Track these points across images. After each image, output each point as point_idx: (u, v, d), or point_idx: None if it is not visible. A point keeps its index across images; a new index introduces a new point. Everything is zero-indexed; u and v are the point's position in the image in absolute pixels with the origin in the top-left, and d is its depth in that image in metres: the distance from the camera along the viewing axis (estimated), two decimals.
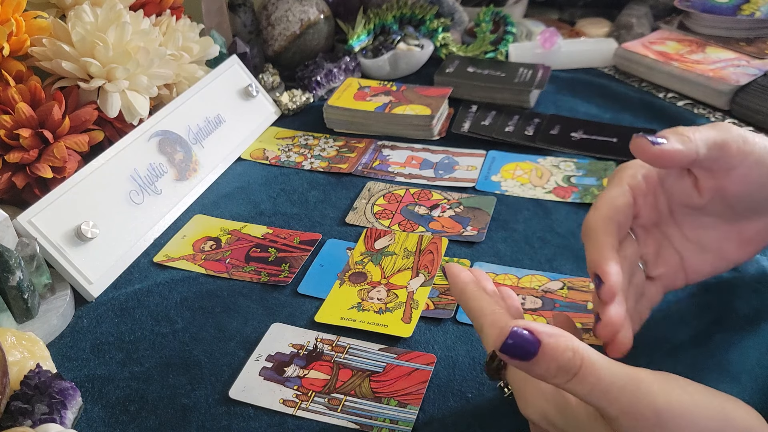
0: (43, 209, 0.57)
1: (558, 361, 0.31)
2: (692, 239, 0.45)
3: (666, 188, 0.44)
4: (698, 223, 0.45)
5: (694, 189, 0.43)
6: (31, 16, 0.66)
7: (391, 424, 0.45)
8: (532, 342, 0.31)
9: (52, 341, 0.54)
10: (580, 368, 0.30)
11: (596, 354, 0.31)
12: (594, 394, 0.31)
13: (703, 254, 0.45)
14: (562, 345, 0.31)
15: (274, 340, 0.52)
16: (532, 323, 0.31)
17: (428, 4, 0.95)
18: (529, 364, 0.31)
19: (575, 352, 0.31)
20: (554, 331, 0.31)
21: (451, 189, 0.69)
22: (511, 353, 0.31)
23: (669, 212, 0.45)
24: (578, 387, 0.31)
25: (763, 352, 0.48)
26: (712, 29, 0.90)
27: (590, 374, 0.30)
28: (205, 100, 0.75)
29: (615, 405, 0.30)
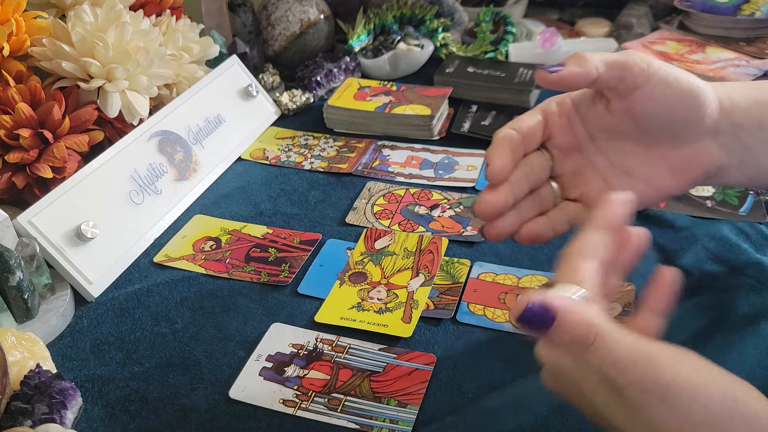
0: (43, 209, 0.57)
1: (572, 335, 0.32)
2: (617, 165, 0.46)
3: (581, 113, 0.46)
4: (621, 149, 0.46)
5: (606, 111, 0.44)
6: (31, 16, 0.66)
7: (391, 424, 0.45)
8: (547, 316, 0.32)
9: (52, 341, 0.54)
10: (594, 341, 0.32)
11: (613, 328, 0.32)
12: (605, 364, 0.32)
13: (629, 179, 0.46)
14: (577, 320, 0.32)
15: (274, 340, 0.52)
16: (552, 297, 0.32)
17: (428, 4, 0.95)
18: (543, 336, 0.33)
19: (590, 326, 0.32)
20: (572, 306, 0.32)
21: (451, 189, 0.69)
22: (527, 324, 0.33)
23: (589, 138, 0.46)
24: (591, 357, 0.32)
25: (763, 352, 0.48)
26: (712, 29, 0.90)
27: (603, 347, 0.32)
28: (205, 100, 0.75)
29: (624, 376, 0.31)
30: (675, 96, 0.43)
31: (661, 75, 0.43)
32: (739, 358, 0.47)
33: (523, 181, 0.45)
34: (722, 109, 0.44)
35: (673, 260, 0.57)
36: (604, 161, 0.46)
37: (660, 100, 0.43)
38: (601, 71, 0.42)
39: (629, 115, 0.44)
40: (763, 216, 0.61)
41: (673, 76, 0.43)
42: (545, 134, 0.46)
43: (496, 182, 0.44)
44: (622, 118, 0.44)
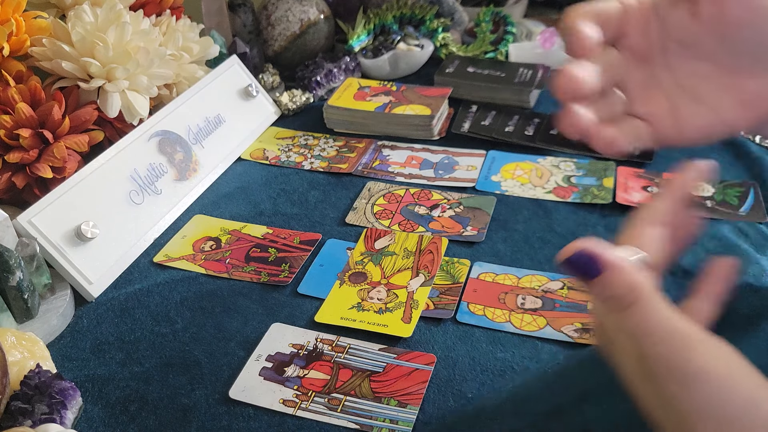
0: (43, 209, 0.57)
1: (612, 292, 0.31)
2: (686, 87, 0.40)
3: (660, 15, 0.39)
4: (694, 69, 0.40)
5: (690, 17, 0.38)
6: (31, 16, 0.66)
7: (391, 424, 0.45)
8: (594, 268, 0.31)
9: (52, 341, 0.54)
10: (632, 305, 0.31)
11: (656, 297, 0.31)
12: (637, 331, 0.31)
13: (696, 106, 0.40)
14: (621, 280, 0.31)
15: (274, 340, 0.52)
16: (602, 251, 0.31)
17: (428, 4, 0.95)
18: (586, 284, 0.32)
19: (633, 290, 0.31)
20: (622, 265, 0.31)
21: (451, 189, 0.69)
22: (572, 268, 0.32)
23: (662, 48, 0.40)
24: (624, 320, 0.32)
25: (763, 352, 0.48)
26: None
27: (639, 313, 0.31)
28: (205, 100, 0.75)
29: (652, 348, 0.31)
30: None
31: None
32: None
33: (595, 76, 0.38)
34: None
35: None
36: (671, 79, 0.40)
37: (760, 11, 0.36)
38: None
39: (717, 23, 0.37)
40: (763, 216, 0.61)
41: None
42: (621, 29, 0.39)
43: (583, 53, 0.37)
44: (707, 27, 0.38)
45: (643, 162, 0.71)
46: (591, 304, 0.37)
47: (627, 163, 0.71)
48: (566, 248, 0.32)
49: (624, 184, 0.67)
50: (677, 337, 0.31)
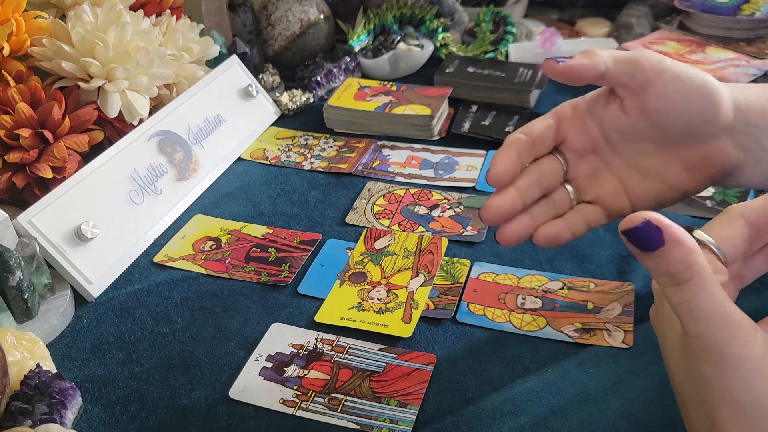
0: (43, 209, 0.57)
1: (668, 267, 0.31)
2: (633, 166, 0.45)
3: (596, 115, 0.45)
4: (637, 149, 0.45)
5: (620, 111, 0.44)
6: (31, 16, 0.66)
7: (391, 424, 0.45)
8: (655, 240, 0.31)
9: (52, 341, 0.54)
10: (685, 283, 0.31)
11: (712, 279, 0.31)
12: (683, 307, 0.31)
13: (645, 180, 0.45)
14: (679, 256, 0.31)
15: (274, 340, 0.52)
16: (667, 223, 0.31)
17: (428, 4, 0.95)
18: (643, 255, 0.32)
19: (689, 268, 0.31)
20: (683, 239, 0.31)
21: (451, 189, 0.69)
22: (632, 239, 0.32)
23: (605, 140, 0.46)
24: (674, 294, 0.32)
25: None
26: (712, 29, 0.90)
27: (689, 291, 0.31)
28: (205, 100, 0.75)
29: (694, 326, 0.31)
30: (689, 92, 0.42)
31: (674, 71, 0.42)
32: None
33: (534, 186, 0.44)
34: (737, 108, 0.44)
35: None
36: (619, 162, 0.46)
37: (674, 97, 0.42)
38: (609, 66, 0.42)
39: (643, 114, 0.43)
40: None
41: (686, 73, 0.42)
42: (558, 137, 0.45)
43: (498, 185, 0.43)
44: (636, 117, 0.44)
45: None
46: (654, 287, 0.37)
47: None
48: (630, 217, 0.32)
49: None
50: (722, 320, 0.31)
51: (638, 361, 0.48)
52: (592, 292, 0.55)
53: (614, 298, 0.54)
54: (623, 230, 0.32)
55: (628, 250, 0.59)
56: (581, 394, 0.46)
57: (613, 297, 0.54)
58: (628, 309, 0.53)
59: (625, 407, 0.45)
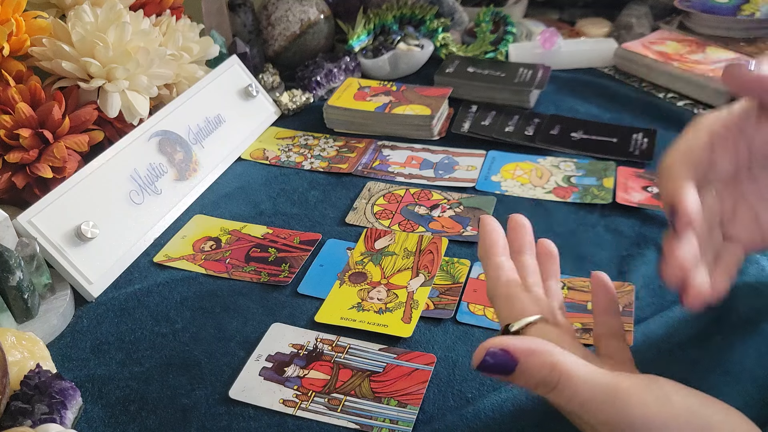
0: (43, 209, 0.57)
1: (535, 378, 0.32)
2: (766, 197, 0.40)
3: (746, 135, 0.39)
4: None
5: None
6: (31, 16, 0.66)
7: (391, 424, 0.45)
8: (509, 361, 0.32)
9: (52, 341, 0.54)
10: (558, 383, 0.31)
11: (578, 367, 0.32)
12: (572, 405, 0.32)
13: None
14: (539, 363, 0.31)
15: (274, 340, 0.52)
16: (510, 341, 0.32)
17: (428, 4, 0.95)
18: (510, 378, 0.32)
19: (553, 368, 0.31)
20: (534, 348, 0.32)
21: (451, 189, 0.69)
22: (490, 371, 0.32)
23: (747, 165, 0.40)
24: (557, 398, 0.32)
25: (763, 352, 0.48)
26: (712, 29, 0.90)
27: (567, 388, 0.31)
28: (205, 100, 0.75)
29: (592, 416, 0.31)
30: None
31: None
32: (739, 358, 0.47)
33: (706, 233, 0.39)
34: None
35: None
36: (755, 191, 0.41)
37: None
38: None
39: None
40: None
41: None
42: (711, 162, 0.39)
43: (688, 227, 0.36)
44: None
45: (643, 162, 0.71)
46: None
47: (627, 164, 0.71)
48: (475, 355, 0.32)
49: (624, 184, 0.67)
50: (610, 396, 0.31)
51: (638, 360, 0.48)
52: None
53: None
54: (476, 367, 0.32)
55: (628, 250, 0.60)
56: None
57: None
58: (627, 309, 0.53)
59: None
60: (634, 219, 0.63)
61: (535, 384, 0.32)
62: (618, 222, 0.63)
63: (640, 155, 0.71)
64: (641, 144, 0.73)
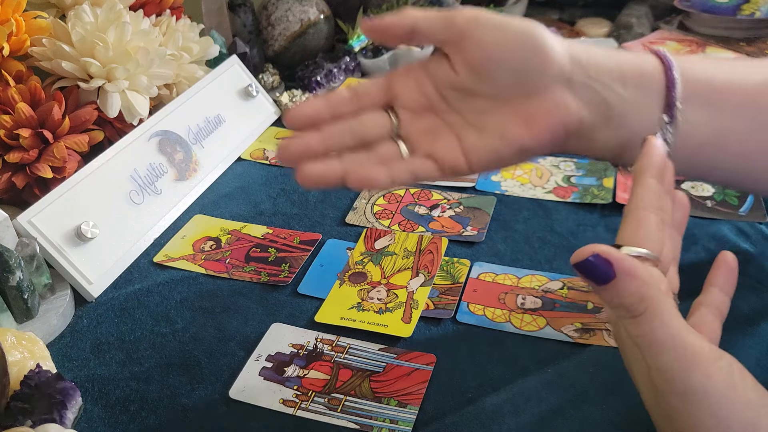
0: (43, 209, 0.57)
1: (623, 300, 0.31)
2: (471, 122, 0.44)
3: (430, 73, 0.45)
4: (474, 107, 0.44)
5: (449, 68, 0.44)
6: (31, 16, 0.66)
7: (391, 424, 0.45)
8: (608, 272, 0.31)
9: (52, 341, 0.54)
10: (641, 315, 0.31)
11: (667, 307, 0.31)
12: (641, 340, 0.31)
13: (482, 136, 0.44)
14: (633, 288, 0.31)
15: (274, 340, 0.52)
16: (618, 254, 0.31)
17: (428, 4, 0.95)
18: (596, 288, 0.32)
19: (643, 300, 0.31)
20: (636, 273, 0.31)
21: (451, 189, 0.69)
22: (584, 272, 0.31)
23: (441, 98, 0.45)
24: (631, 328, 0.31)
25: (763, 352, 0.48)
26: (712, 29, 0.90)
27: (646, 323, 0.31)
28: (205, 100, 0.75)
29: (655, 359, 0.31)
30: (508, 40, 0.42)
31: (492, 22, 0.43)
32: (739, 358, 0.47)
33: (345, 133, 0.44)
34: (575, 60, 0.43)
35: None
36: (458, 120, 0.45)
37: (492, 46, 0.42)
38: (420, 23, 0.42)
39: (469, 68, 0.43)
40: (763, 216, 0.61)
41: (505, 22, 0.43)
42: (389, 95, 0.45)
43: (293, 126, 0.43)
44: (464, 72, 0.43)
45: None
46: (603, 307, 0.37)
47: None
48: (580, 251, 0.31)
49: (624, 184, 0.67)
50: (681, 351, 0.31)
51: None
52: (592, 292, 0.55)
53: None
54: (574, 263, 0.32)
55: None
56: (581, 394, 0.46)
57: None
58: None
59: (625, 407, 0.45)
60: None
61: (619, 305, 0.31)
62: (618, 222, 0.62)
63: None
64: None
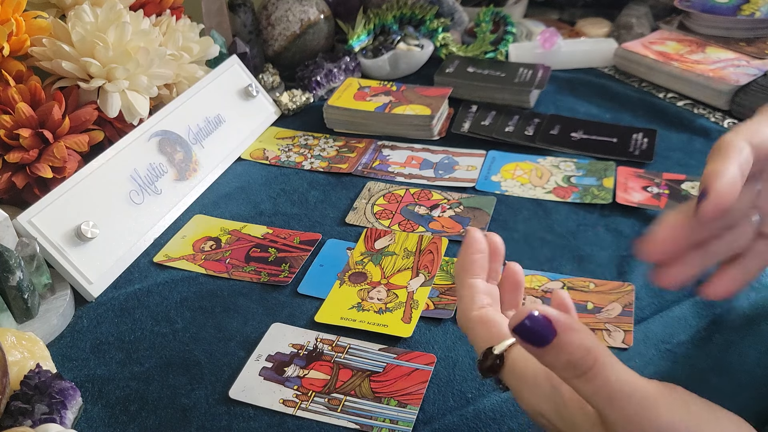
0: (43, 209, 0.57)
1: (570, 356, 0.30)
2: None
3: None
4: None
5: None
6: (31, 16, 0.66)
7: (391, 424, 0.45)
8: (548, 331, 0.30)
9: (52, 341, 0.54)
10: (591, 369, 0.30)
11: (611, 358, 0.31)
12: (598, 396, 0.30)
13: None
14: (577, 341, 0.30)
15: (274, 340, 0.52)
16: (554, 312, 0.30)
17: (428, 4, 0.95)
18: (541, 351, 0.30)
19: (589, 351, 0.30)
20: (574, 326, 0.30)
21: (451, 189, 0.69)
22: (525, 336, 0.30)
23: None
24: (584, 386, 0.30)
25: (762, 352, 0.48)
26: (712, 29, 0.90)
27: (599, 377, 0.30)
28: (205, 100, 0.75)
29: (618, 412, 0.30)
30: None
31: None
32: (739, 358, 0.47)
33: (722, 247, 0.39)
34: None
35: None
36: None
37: None
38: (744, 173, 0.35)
39: None
40: None
41: None
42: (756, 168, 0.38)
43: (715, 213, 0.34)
44: None
45: (643, 162, 0.71)
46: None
47: (627, 164, 0.71)
48: (517, 314, 0.30)
49: (624, 184, 0.67)
50: (639, 396, 0.30)
51: (638, 361, 0.48)
52: (592, 292, 0.55)
53: (614, 298, 0.54)
54: (512, 329, 0.30)
55: (628, 250, 0.60)
56: None
57: (613, 297, 0.54)
58: (628, 309, 0.53)
59: None
60: (634, 219, 0.63)
61: (566, 364, 0.30)
62: (618, 222, 0.63)
63: (640, 155, 0.71)
64: (641, 144, 0.73)
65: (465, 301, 0.39)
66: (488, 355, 0.36)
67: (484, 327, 0.37)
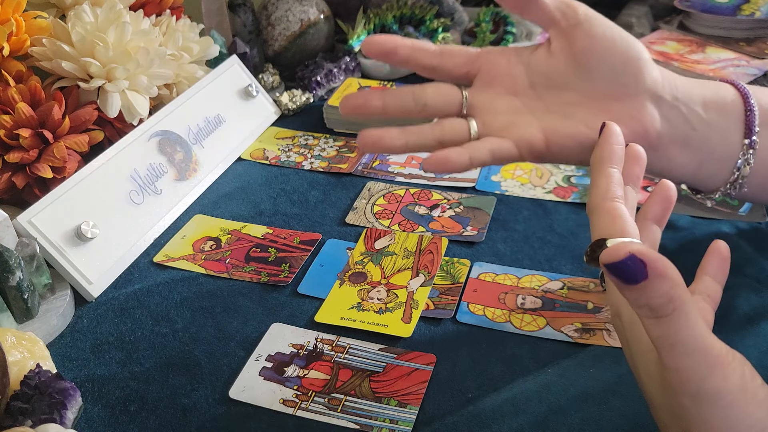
0: (43, 209, 0.57)
1: (650, 301, 0.30)
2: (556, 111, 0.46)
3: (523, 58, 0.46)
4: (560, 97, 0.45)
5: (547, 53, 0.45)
6: (31, 16, 0.66)
7: (391, 424, 0.45)
8: (640, 273, 0.29)
9: (52, 341, 0.54)
10: (668, 316, 0.30)
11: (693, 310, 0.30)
12: (662, 341, 0.31)
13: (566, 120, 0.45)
14: (663, 290, 0.30)
15: (274, 340, 0.52)
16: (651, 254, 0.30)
17: (428, 4, 0.95)
18: (624, 287, 0.30)
19: (671, 301, 0.30)
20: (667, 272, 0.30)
21: (451, 189, 0.69)
22: (615, 272, 0.30)
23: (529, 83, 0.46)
24: (653, 327, 0.31)
25: (762, 352, 0.48)
26: (712, 29, 0.90)
27: (671, 325, 0.30)
28: (205, 100, 0.75)
29: (674, 360, 0.31)
30: (615, 39, 0.43)
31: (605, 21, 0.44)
32: None
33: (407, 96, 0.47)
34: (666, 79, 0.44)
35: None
36: (541, 106, 0.46)
37: (600, 39, 0.43)
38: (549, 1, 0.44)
39: (569, 55, 0.44)
40: (763, 216, 0.61)
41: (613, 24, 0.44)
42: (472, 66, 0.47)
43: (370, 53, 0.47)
44: (562, 59, 0.44)
45: None
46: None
47: None
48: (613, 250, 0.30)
49: None
50: (702, 354, 0.30)
51: None
52: (592, 292, 0.55)
53: None
54: (605, 263, 0.30)
55: None
56: (581, 394, 0.46)
57: None
58: None
59: (625, 407, 0.45)
60: None
61: (645, 305, 0.30)
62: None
63: None
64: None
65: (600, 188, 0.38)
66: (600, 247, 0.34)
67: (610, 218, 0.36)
